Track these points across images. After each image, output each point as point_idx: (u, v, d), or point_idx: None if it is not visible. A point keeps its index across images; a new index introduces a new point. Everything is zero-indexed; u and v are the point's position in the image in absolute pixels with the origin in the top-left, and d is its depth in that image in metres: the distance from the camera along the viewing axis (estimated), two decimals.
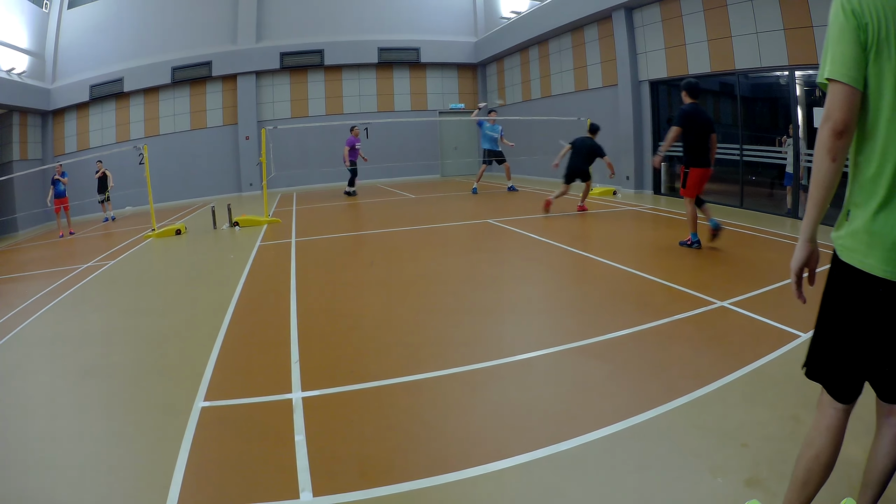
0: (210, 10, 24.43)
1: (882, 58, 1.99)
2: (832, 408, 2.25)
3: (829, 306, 2.26)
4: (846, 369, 2.21)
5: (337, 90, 25.84)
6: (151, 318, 6.85)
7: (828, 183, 2.09)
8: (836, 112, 2.03)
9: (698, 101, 8.95)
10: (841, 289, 2.19)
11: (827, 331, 2.26)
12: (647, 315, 5.65)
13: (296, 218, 14.80)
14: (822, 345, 2.28)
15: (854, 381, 2.21)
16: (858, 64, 2.01)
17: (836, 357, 2.23)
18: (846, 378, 2.21)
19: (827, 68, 2.06)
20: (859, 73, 2.01)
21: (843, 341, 2.20)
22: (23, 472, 3.50)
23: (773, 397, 3.84)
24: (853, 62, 2.01)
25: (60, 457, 3.65)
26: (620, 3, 16.02)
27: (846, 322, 2.18)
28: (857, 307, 2.14)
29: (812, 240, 2.23)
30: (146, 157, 13.81)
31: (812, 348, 2.33)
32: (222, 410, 4.12)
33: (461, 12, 27.12)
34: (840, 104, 2.02)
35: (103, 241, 14.11)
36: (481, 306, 6.40)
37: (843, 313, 2.19)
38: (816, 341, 2.31)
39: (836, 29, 2.05)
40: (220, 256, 10.78)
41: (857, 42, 2.00)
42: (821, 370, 2.29)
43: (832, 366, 2.25)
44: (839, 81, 2.03)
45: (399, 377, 4.47)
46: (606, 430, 3.51)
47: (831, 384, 2.26)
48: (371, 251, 10.06)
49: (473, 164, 27.29)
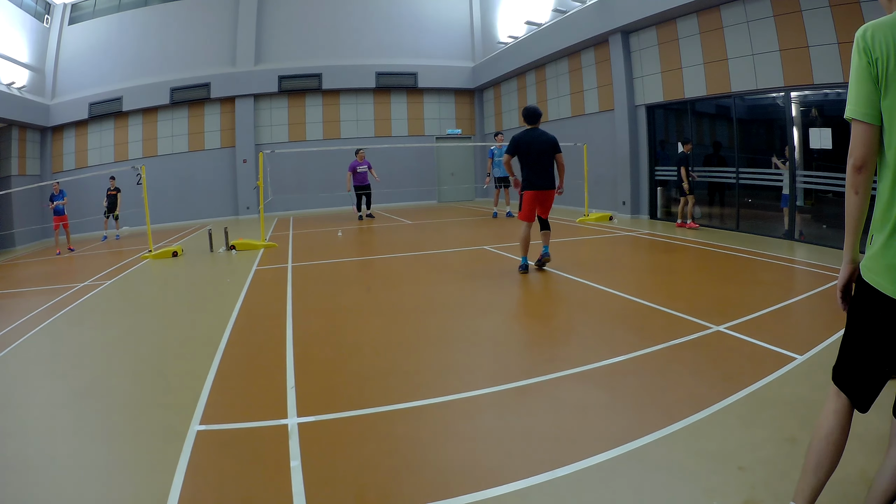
0: (209, 31, 24.67)
1: (890, 92, 2.11)
2: (839, 399, 2.42)
3: (852, 320, 2.41)
4: (864, 377, 2.35)
5: (335, 114, 25.96)
6: (147, 340, 6.83)
7: (856, 214, 2.28)
8: (855, 149, 2.21)
9: (537, 126, 9.18)
10: (862, 304, 2.35)
11: (850, 341, 2.42)
12: (644, 340, 5.64)
13: (292, 242, 14.81)
14: (846, 353, 2.43)
15: (870, 389, 2.36)
16: (872, 100, 2.15)
17: (855, 365, 2.38)
18: (863, 385, 2.36)
19: (848, 107, 2.21)
20: (874, 110, 2.15)
21: (861, 352, 2.36)
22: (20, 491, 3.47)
23: (770, 420, 3.84)
24: (866, 99, 2.16)
25: (56, 479, 3.62)
26: (617, 27, 16.18)
27: (865, 334, 2.34)
28: (875, 322, 2.29)
29: (852, 261, 2.39)
30: (143, 177, 13.81)
31: (839, 356, 2.47)
32: (218, 434, 4.10)
33: (459, 37, 27.34)
34: (858, 141, 2.20)
35: (100, 261, 14.06)
36: (478, 332, 6.39)
37: (863, 327, 2.35)
38: (842, 350, 2.46)
39: (853, 66, 2.21)
40: (216, 280, 10.77)
41: (870, 79, 2.14)
42: (842, 376, 2.43)
43: (852, 373, 2.39)
44: (856, 119, 2.19)
45: (396, 403, 4.45)
46: (604, 456, 3.50)
47: (850, 390, 2.40)
48: (368, 277, 10.07)
49: (470, 191, 27.46)
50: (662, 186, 16.45)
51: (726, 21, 13.01)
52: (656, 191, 16.49)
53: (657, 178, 16.41)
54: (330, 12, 25.71)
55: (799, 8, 11.05)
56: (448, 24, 27.23)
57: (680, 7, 13.73)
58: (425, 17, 26.86)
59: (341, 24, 25.82)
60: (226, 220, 22.15)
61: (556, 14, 19.53)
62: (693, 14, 13.98)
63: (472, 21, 27.38)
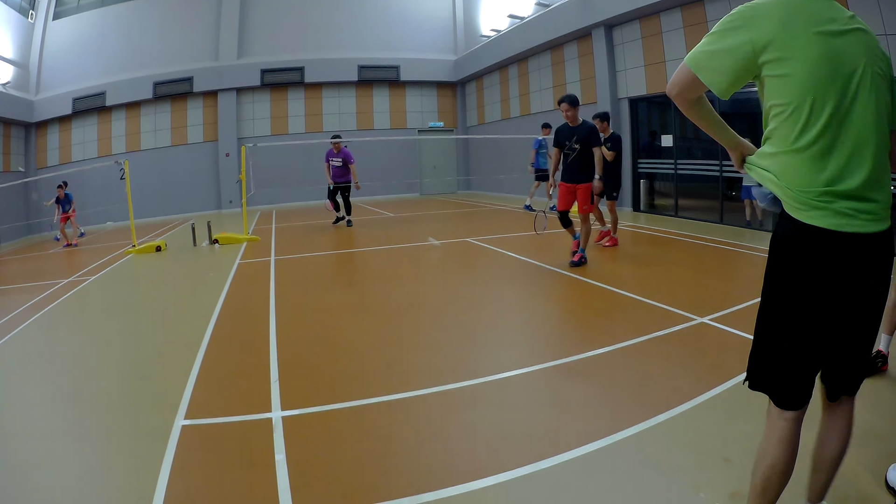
0: (192, 25, 24.50)
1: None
2: (782, 419, 2.29)
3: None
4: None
5: (317, 108, 25.90)
6: (131, 335, 6.78)
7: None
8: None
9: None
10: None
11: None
12: (626, 332, 5.65)
13: (275, 236, 14.76)
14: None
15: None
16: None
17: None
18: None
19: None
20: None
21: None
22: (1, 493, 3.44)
23: (755, 411, 3.83)
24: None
25: (39, 479, 3.58)
26: (600, 20, 16.19)
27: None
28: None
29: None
30: (127, 172, 13.72)
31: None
32: (203, 429, 4.07)
33: (441, 30, 27.31)
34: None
35: (84, 256, 13.96)
36: (460, 325, 6.40)
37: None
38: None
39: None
40: (200, 274, 10.71)
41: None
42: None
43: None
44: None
45: (378, 397, 4.44)
46: (586, 449, 3.50)
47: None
48: (350, 270, 10.04)
49: (452, 183, 27.47)
50: (646, 179, 16.51)
51: (710, 15, 13.04)
52: (639, 183, 16.53)
53: (640, 170, 16.45)
54: (312, 6, 25.58)
55: None
56: (430, 17, 27.18)
57: (664, 1, 13.78)
58: (408, 11, 26.81)
59: (324, 17, 25.70)
60: (209, 214, 22.03)
61: (539, 7, 19.53)
62: (677, 8, 14.01)
63: (455, 14, 27.34)
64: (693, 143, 14.65)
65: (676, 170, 14.86)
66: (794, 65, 2.01)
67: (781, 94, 2.06)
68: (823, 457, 2.38)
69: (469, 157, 27.58)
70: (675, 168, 14.86)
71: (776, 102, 2.10)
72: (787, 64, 2.02)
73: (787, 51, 2.01)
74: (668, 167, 15.27)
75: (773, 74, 2.07)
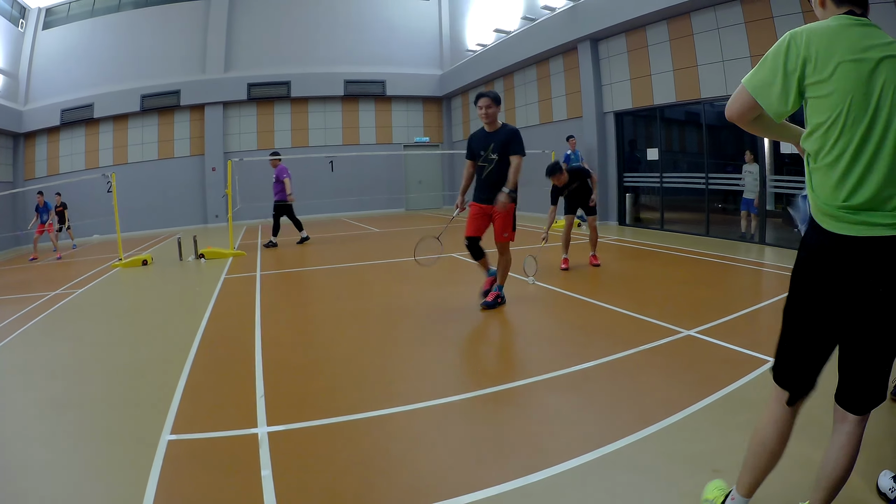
0: (180, 38, 24.52)
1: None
2: (780, 404, 2.53)
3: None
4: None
5: (303, 122, 25.91)
6: (118, 349, 6.70)
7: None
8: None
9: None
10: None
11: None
12: (615, 346, 5.65)
13: (261, 251, 14.72)
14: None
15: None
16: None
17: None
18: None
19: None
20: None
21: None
22: None
23: (744, 422, 3.84)
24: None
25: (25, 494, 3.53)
26: (586, 34, 16.30)
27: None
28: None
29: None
30: (114, 185, 13.65)
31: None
32: (189, 444, 4.03)
33: (427, 45, 27.44)
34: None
35: (71, 269, 13.87)
36: (448, 339, 6.39)
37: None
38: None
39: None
40: (186, 288, 10.64)
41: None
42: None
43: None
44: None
45: (366, 411, 4.40)
46: (577, 461, 3.48)
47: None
48: (336, 284, 10.00)
49: (438, 198, 27.52)
50: (631, 193, 16.57)
51: (696, 28, 13.15)
52: (625, 197, 16.60)
53: (626, 184, 16.52)
54: (299, 20, 25.65)
55: (770, 14, 11.18)
56: (417, 32, 27.31)
57: (650, 14, 13.89)
58: (394, 26, 26.91)
59: (310, 31, 25.78)
60: (195, 229, 21.93)
61: (525, 22, 19.64)
62: (663, 21, 14.12)
63: (441, 29, 27.50)
64: (679, 156, 14.74)
65: (662, 183, 14.94)
66: (829, 88, 2.21)
67: (818, 114, 2.27)
68: (826, 476, 2.46)
69: (455, 172, 27.55)
70: (661, 181, 14.94)
71: (813, 121, 2.30)
72: (824, 87, 2.22)
73: (825, 74, 2.21)
74: (654, 180, 15.36)
75: (813, 96, 2.27)
